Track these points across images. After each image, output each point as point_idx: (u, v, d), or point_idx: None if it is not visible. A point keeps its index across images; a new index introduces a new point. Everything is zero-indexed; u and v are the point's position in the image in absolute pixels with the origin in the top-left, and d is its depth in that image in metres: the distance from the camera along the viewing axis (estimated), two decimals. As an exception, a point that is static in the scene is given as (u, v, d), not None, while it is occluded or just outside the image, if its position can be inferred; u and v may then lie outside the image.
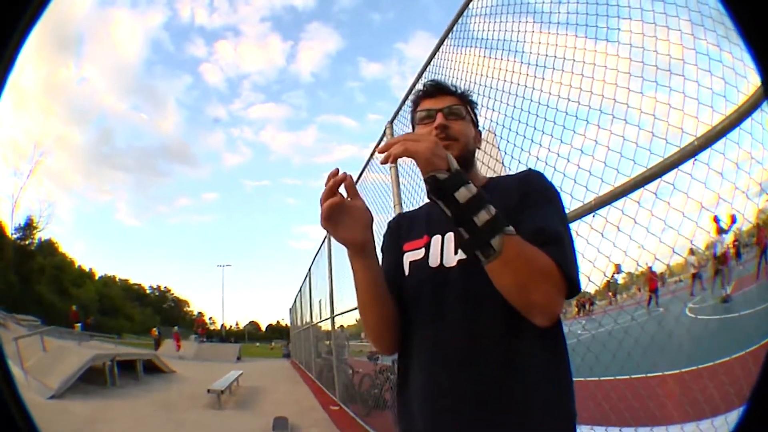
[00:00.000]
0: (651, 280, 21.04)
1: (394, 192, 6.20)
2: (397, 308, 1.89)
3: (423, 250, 1.93)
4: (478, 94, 4.22)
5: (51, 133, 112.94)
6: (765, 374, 1.21)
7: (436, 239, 1.91)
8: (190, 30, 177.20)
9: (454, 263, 1.81)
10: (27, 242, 72.49)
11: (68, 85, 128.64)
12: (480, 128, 2.16)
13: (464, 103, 2.03)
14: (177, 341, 42.91)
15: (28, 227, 73.07)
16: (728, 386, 3.73)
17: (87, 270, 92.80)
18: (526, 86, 3.58)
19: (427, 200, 1.85)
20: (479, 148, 2.10)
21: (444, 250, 1.87)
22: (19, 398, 1.28)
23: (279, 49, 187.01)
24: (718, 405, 3.79)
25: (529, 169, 2.01)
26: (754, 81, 2.07)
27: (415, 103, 2.06)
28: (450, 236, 1.85)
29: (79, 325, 41.04)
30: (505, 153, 3.77)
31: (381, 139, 7.04)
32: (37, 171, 79.72)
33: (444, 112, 1.94)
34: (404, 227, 2.13)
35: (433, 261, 1.87)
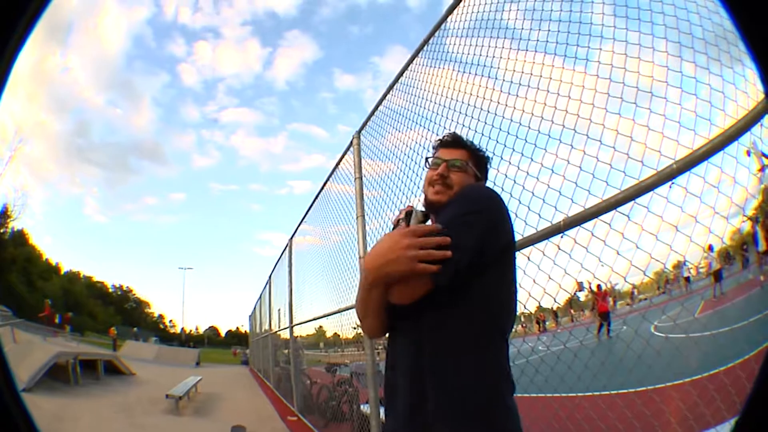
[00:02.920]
0: (600, 302, 18.10)
1: (357, 203, 6.23)
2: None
3: None
4: (449, 108, 4.24)
5: (31, 120, 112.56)
6: (759, 387, 1.26)
7: None
8: (172, 28, 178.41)
9: None
10: (1, 231, 71.72)
11: (52, 73, 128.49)
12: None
13: (473, 157, 2.40)
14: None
15: (4, 215, 72.32)
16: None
17: (54, 264, 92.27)
18: (498, 103, 3.58)
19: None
20: None
21: None
22: (17, 395, 1.41)
23: (257, 55, 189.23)
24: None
25: (463, 187, 2.31)
26: (742, 104, 2.06)
27: (435, 149, 2.51)
28: None
29: (69, 327, 41.10)
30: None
31: (348, 149, 7.07)
32: (15, 158, 79.13)
33: (448, 164, 2.33)
34: None
35: None
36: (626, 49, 2.70)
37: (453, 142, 2.44)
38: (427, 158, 2.49)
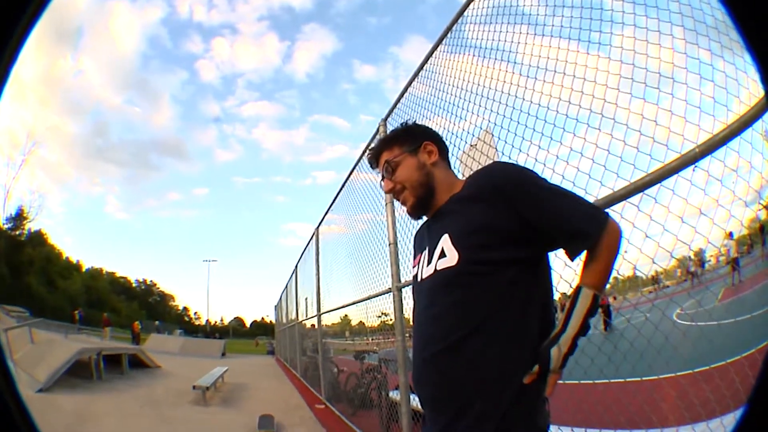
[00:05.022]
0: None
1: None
2: None
3: (417, 266, 2.26)
4: (474, 93, 4.25)
5: (45, 124, 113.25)
6: (764, 377, 1.25)
7: (423, 255, 2.20)
8: (187, 26, 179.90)
9: (425, 276, 2.13)
10: (17, 233, 72.26)
11: (65, 76, 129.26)
12: (429, 137, 2.37)
13: (394, 145, 2.34)
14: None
15: (19, 217, 72.90)
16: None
17: (74, 262, 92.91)
18: (526, 88, 3.58)
19: None
20: (433, 161, 2.30)
21: (421, 266, 2.19)
22: (18, 397, 1.28)
23: (275, 49, 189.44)
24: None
25: (490, 166, 2.20)
26: (754, 91, 2.08)
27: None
28: (426, 253, 2.17)
29: (108, 329, 41.57)
30: (502, 153, 3.75)
31: (374, 137, 7.04)
32: (29, 161, 79.70)
33: (384, 177, 2.34)
34: (417, 243, 2.42)
35: (419, 275, 2.21)
36: (647, 36, 2.72)
37: (373, 158, 2.44)
38: (380, 184, 2.43)
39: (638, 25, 2.76)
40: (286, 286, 25.01)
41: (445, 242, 2.02)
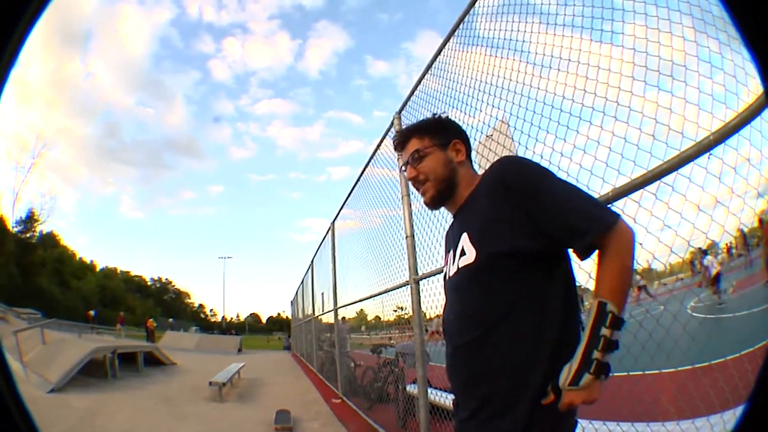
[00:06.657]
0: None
1: (402, 183, 6.22)
2: None
3: (447, 265, 2.33)
4: (487, 83, 4.23)
5: (55, 127, 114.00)
6: (764, 375, 1.26)
7: (451, 255, 2.27)
8: (198, 27, 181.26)
9: (451, 275, 2.21)
10: (28, 235, 72.73)
11: (74, 79, 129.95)
12: (460, 134, 2.43)
13: (425, 134, 2.38)
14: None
15: (30, 220, 73.44)
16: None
17: (88, 262, 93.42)
18: (540, 77, 3.56)
19: None
20: (460, 160, 2.35)
21: (449, 264, 2.27)
22: (18, 397, 1.26)
23: (287, 47, 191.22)
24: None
25: (501, 161, 2.17)
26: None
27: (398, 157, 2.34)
28: (452, 252, 2.24)
29: (121, 327, 42.27)
30: (519, 143, 3.74)
31: (388, 131, 7.13)
32: (38, 164, 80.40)
33: (410, 164, 2.35)
34: (447, 242, 2.43)
35: (447, 274, 2.30)
36: (658, 24, 2.70)
37: (400, 141, 2.44)
38: (400, 169, 2.45)
39: (648, 14, 2.74)
40: (302, 282, 25.03)
41: (464, 241, 2.09)
